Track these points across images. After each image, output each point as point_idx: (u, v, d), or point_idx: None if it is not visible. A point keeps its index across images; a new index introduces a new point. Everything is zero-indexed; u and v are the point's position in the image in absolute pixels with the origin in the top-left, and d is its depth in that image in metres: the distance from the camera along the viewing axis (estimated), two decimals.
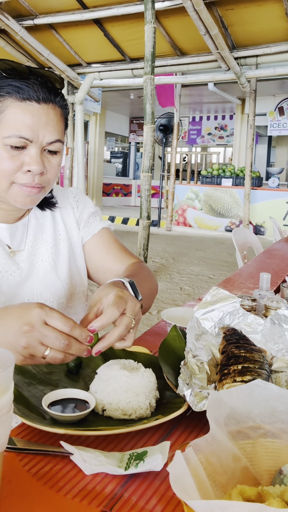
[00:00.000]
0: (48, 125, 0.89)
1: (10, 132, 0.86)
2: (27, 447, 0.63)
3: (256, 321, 0.94)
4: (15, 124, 0.86)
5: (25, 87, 0.86)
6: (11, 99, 0.86)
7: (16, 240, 1.02)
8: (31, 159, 0.88)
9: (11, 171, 0.88)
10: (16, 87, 0.86)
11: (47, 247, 1.06)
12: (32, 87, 0.87)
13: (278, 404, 0.55)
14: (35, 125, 0.87)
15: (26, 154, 0.88)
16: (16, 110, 0.86)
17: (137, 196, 15.28)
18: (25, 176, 0.89)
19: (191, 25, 6.03)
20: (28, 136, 0.87)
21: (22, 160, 0.88)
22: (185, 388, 0.72)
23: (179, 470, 0.46)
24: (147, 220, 4.89)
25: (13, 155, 0.87)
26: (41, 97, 0.87)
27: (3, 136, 0.86)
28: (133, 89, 11.27)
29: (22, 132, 0.86)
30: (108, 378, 0.74)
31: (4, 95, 0.86)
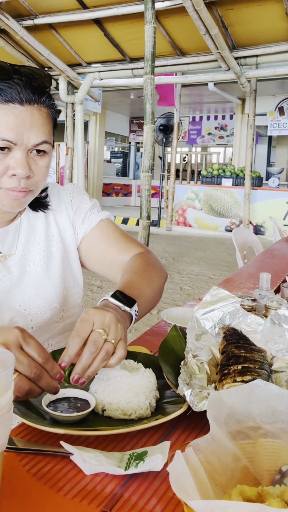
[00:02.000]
0: (34, 126, 0.85)
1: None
2: (27, 447, 0.63)
3: (256, 321, 0.94)
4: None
5: (7, 88, 0.83)
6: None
7: (7, 244, 0.99)
8: (16, 163, 0.85)
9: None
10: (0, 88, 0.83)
11: (39, 250, 1.03)
12: (15, 88, 0.83)
13: (278, 404, 0.55)
14: (18, 128, 0.83)
15: (11, 157, 0.85)
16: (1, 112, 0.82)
17: (137, 196, 15.28)
18: (11, 180, 0.86)
19: (191, 25, 6.03)
20: (11, 139, 0.83)
21: (7, 164, 0.85)
22: (185, 388, 0.72)
23: (179, 470, 0.46)
24: (147, 220, 4.89)
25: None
26: (25, 98, 0.84)
27: None
28: (133, 89, 11.27)
29: (5, 134, 0.83)
30: (108, 378, 0.74)
31: None
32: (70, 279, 1.08)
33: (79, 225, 1.10)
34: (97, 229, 1.11)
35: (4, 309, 0.97)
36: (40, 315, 1.01)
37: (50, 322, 1.03)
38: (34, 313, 1.00)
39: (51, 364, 0.69)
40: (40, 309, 1.01)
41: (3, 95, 0.83)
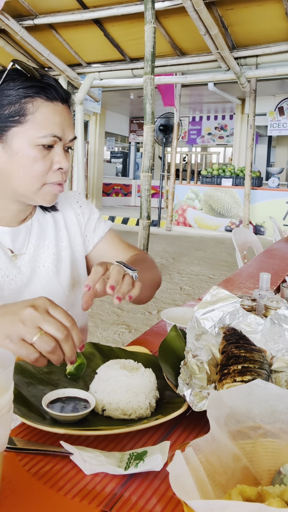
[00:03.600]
0: (69, 123, 0.93)
1: (44, 131, 0.88)
2: (27, 447, 0.63)
3: (256, 321, 0.94)
4: (48, 124, 0.88)
5: (49, 87, 0.89)
6: (40, 100, 0.88)
7: (18, 243, 1.00)
8: (60, 157, 0.91)
9: (43, 171, 0.90)
10: (42, 88, 0.88)
11: (49, 253, 1.04)
12: (54, 88, 0.90)
13: (278, 404, 0.55)
14: (63, 124, 0.90)
15: (55, 153, 0.91)
16: (47, 110, 0.88)
17: (137, 196, 15.27)
18: (55, 174, 0.92)
19: (191, 25, 6.03)
20: (59, 135, 0.90)
21: (51, 159, 0.91)
22: (185, 388, 0.72)
23: (179, 470, 0.46)
24: (147, 220, 4.89)
25: (44, 155, 0.90)
26: (63, 97, 0.91)
27: (38, 136, 0.88)
28: (133, 89, 11.27)
29: (55, 131, 0.89)
30: (108, 378, 0.74)
31: (34, 96, 0.88)
32: (77, 285, 1.11)
33: (90, 233, 1.15)
34: (106, 239, 1.17)
35: None
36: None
37: None
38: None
39: (76, 330, 0.69)
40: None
41: (48, 93, 0.89)
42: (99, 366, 0.79)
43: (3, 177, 0.92)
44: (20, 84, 0.88)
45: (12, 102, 0.87)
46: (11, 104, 0.87)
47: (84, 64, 8.08)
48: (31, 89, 0.87)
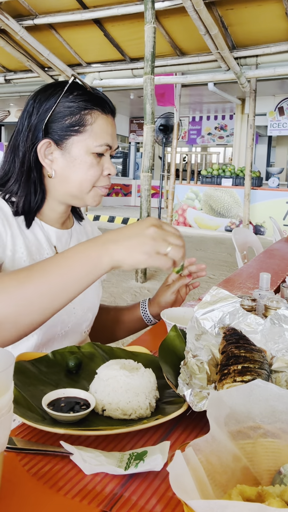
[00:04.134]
0: (116, 134, 1.04)
1: (100, 141, 0.97)
2: (27, 447, 0.63)
3: (256, 321, 0.94)
4: (103, 134, 0.98)
5: (103, 101, 0.99)
6: (98, 112, 0.98)
7: (61, 244, 1.08)
8: (109, 164, 1.01)
9: (97, 176, 0.99)
10: (101, 102, 0.99)
11: None
12: (108, 102, 1.01)
13: (278, 404, 0.55)
14: (113, 135, 1.01)
15: (105, 160, 1.01)
16: (103, 122, 0.99)
17: (137, 196, 15.27)
18: (105, 179, 1.02)
19: (191, 25, 6.03)
20: (111, 144, 1.00)
21: (102, 166, 1.00)
22: (185, 388, 0.72)
23: (179, 470, 0.46)
24: None
25: (97, 161, 0.99)
26: (113, 111, 1.03)
27: (94, 145, 0.97)
28: (133, 89, 11.26)
29: (108, 140, 0.99)
30: (108, 378, 0.74)
31: (93, 108, 0.97)
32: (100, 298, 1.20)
33: None
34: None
35: None
36: (79, 318, 1.10)
37: (81, 330, 1.12)
38: (79, 315, 1.09)
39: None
40: (83, 313, 1.10)
41: (105, 107, 0.99)
42: (99, 366, 0.79)
43: (60, 180, 1.00)
44: (79, 97, 0.97)
45: (73, 113, 0.96)
46: (72, 115, 0.96)
47: (84, 64, 8.08)
48: (90, 102, 0.97)
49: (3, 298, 0.72)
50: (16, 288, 0.73)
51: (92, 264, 0.74)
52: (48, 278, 0.74)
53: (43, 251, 1.02)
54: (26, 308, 0.73)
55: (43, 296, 0.73)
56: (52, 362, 0.86)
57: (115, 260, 0.74)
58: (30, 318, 0.74)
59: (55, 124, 0.96)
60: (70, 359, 0.85)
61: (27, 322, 0.75)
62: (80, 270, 0.74)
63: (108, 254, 0.74)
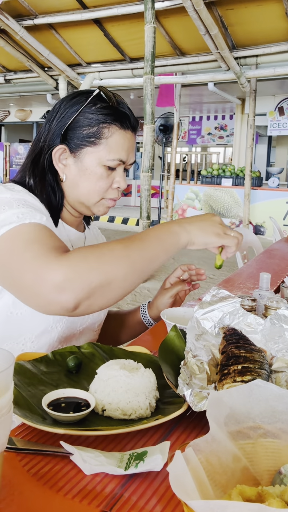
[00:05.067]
0: (133, 150, 1.04)
1: (114, 155, 0.98)
2: (27, 447, 0.63)
3: (256, 321, 0.94)
4: (118, 150, 0.99)
5: (124, 117, 1.00)
6: (116, 127, 0.99)
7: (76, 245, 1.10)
8: (120, 178, 1.02)
9: (105, 188, 1.01)
10: (121, 117, 0.99)
11: None
12: (129, 118, 1.01)
13: (278, 404, 0.55)
14: (128, 150, 1.01)
15: (116, 173, 1.01)
16: (120, 137, 0.99)
17: (137, 196, 15.26)
18: (114, 191, 1.03)
19: (191, 25, 6.03)
20: (124, 159, 1.01)
21: (113, 178, 1.01)
22: (185, 388, 0.72)
23: (179, 470, 0.46)
24: (147, 220, 4.89)
25: (108, 174, 1.00)
26: (134, 126, 1.03)
27: (107, 159, 0.98)
28: (133, 89, 11.26)
29: (122, 156, 1.00)
30: (108, 378, 0.74)
31: (111, 122, 0.98)
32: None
33: None
34: None
35: None
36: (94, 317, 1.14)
37: (94, 328, 1.17)
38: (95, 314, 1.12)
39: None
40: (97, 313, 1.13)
41: (124, 122, 1.00)
42: (99, 366, 0.79)
43: (71, 186, 1.02)
44: (101, 109, 0.98)
45: (91, 125, 0.98)
46: (90, 126, 0.98)
47: (84, 64, 8.08)
48: (110, 116, 0.98)
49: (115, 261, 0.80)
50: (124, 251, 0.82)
51: (175, 238, 0.86)
52: (148, 245, 0.84)
53: None
54: (132, 268, 0.82)
55: (144, 259, 0.83)
56: (52, 362, 0.86)
57: (191, 237, 0.87)
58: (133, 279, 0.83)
59: (73, 132, 0.98)
60: (70, 359, 0.85)
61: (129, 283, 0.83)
62: (167, 241, 0.86)
63: (186, 231, 0.87)
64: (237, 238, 0.90)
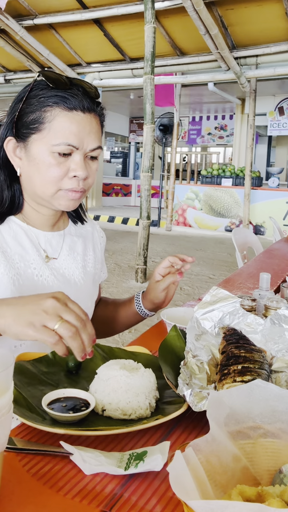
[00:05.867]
0: (91, 133, 0.94)
1: (59, 140, 0.90)
2: (27, 447, 0.63)
3: (256, 321, 0.94)
4: (63, 133, 0.90)
5: (70, 97, 0.91)
6: (58, 109, 0.91)
7: (51, 247, 1.05)
8: (76, 165, 0.92)
9: (58, 177, 0.93)
10: (63, 97, 0.91)
11: (77, 266, 1.09)
12: (76, 97, 0.91)
13: (278, 404, 0.55)
14: (80, 133, 0.92)
15: (72, 160, 0.93)
16: (64, 119, 0.91)
17: (137, 196, 15.27)
18: (71, 181, 0.94)
19: (191, 25, 6.03)
20: (75, 144, 0.91)
21: (68, 167, 0.93)
22: (185, 388, 0.72)
23: (179, 470, 0.46)
24: (147, 220, 4.89)
25: (60, 162, 0.92)
26: (86, 106, 0.92)
27: (52, 144, 0.91)
28: (133, 89, 11.26)
29: (70, 140, 0.91)
30: (108, 378, 0.74)
31: (52, 105, 0.91)
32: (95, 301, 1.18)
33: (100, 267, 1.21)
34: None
35: None
36: None
37: None
38: None
39: (90, 324, 0.74)
40: None
41: (68, 103, 0.91)
42: (99, 366, 0.79)
43: (26, 180, 0.97)
44: (42, 93, 0.92)
45: (33, 111, 0.92)
46: (32, 113, 0.92)
47: (84, 64, 8.08)
48: (51, 99, 0.91)
49: None
50: None
51: None
52: None
53: (29, 257, 0.99)
54: None
55: None
56: (52, 362, 0.86)
57: (4, 325, 0.72)
58: None
59: (20, 122, 0.94)
60: (70, 359, 0.85)
61: None
62: None
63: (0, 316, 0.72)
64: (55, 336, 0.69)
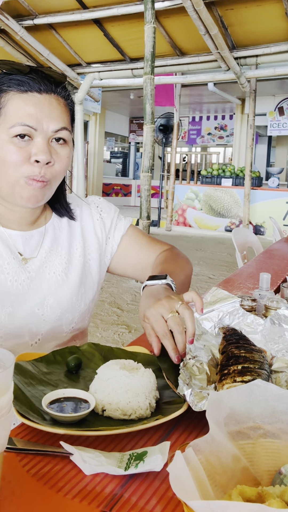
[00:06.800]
0: (52, 113, 0.89)
1: (13, 121, 0.87)
2: (27, 447, 0.63)
3: (256, 321, 0.94)
4: (17, 114, 0.87)
5: (25, 79, 0.88)
6: (12, 93, 0.88)
7: (29, 247, 1.00)
8: (38, 149, 0.87)
9: (18, 162, 0.87)
10: (17, 81, 0.88)
11: (61, 261, 1.04)
12: (32, 80, 0.88)
13: (278, 404, 0.55)
14: (38, 114, 0.88)
15: (33, 145, 0.88)
16: (17, 101, 0.87)
17: (137, 196, 15.27)
18: (32, 167, 0.88)
19: (191, 25, 6.03)
20: (32, 124, 0.87)
21: (29, 152, 0.88)
22: (185, 388, 0.72)
23: (179, 470, 0.46)
24: (147, 220, 4.89)
25: (20, 146, 0.87)
26: (42, 88, 0.89)
27: (8, 127, 0.87)
28: (133, 89, 11.27)
29: (25, 120, 0.87)
30: (108, 378, 0.74)
31: (6, 89, 0.88)
32: (87, 293, 1.09)
33: (112, 234, 1.15)
34: (128, 236, 1.16)
35: (20, 310, 0.97)
36: (54, 322, 1.02)
37: (60, 331, 1.04)
38: (49, 319, 1.01)
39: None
40: (56, 316, 1.02)
41: (22, 85, 0.88)
42: (99, 366, 0.79)
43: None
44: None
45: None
46: None
47: (84, 64, 8.08)
48: (5, 84, 0.88)
49: None
50: None
51: None
52: None
53: (2, 262, 0.95)
54: None
55: None
56: (52, 362, 0.86)
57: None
58: None
59: None
60: (70, 359, 0.85)
61: None
62: None
63: None
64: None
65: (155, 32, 4.74)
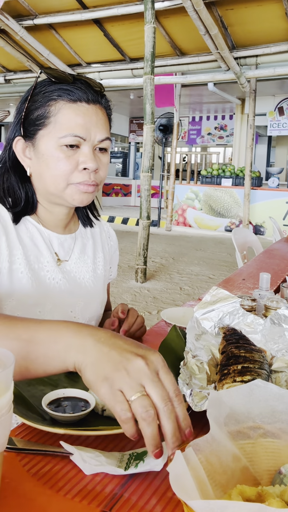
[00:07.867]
0: (98, 123, 0.93)
1: (65, 132, 0.90)
2: (27, 447, 0.63)
3: (256, 321, 0.94)
4: (69, 124, 0.90)
5: (73, 89, 0.91)
6: (62, 102, 0.91)
7: (63, 250, 1.05)
8: (86, 157, 0.91)
9: (68, 171, 0.92)
10: (66, 90, 0.91)
11: (88, 269, 1.09)
12: (80, 89, 0.91)
13: (278, 404, 0.55)
14: (87, 124, 0.91)
15: (81, 153, 0.92)
16: (68, 111, 0.90)
17: (137, 196, 15.27)
18: (81, 174, 0.93)
19: (191, 25, 6.03)
20: (82, 135, 0.90)
21: (77, 160, 0.92)
22: (185, 388, 0.72)
23: (179, 470, 0.46)
24: (147, 220, 4.89)
25: (68, 155, 0.91)
26: (90, 98, 0.92)
27: (59, 137, 0.90)
28: (133, 89, 11.26)
29: (76, 131, 0.90)
30: None
31: (56, 98, 0.91)
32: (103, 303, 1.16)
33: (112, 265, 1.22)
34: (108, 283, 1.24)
35: (57, 308, 1.01)
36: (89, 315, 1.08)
37: None
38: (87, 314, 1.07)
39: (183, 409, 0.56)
40: (85, 321, 1.07)
41: (71, 95, 0.91)
42: None
43: (37, 179, 0.96)
44: (45, 89, 0.92)
45: (38, 107, 0.92)
46: (37, 109, 0.92)
47: (84, 64, 8.08)
48: (55, 93, 0.91)
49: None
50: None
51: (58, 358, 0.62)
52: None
53: (43, 259, 1.00)
54: None
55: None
56: None
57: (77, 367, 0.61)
58: None
59: (27, 121, 0.94)
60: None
61: None
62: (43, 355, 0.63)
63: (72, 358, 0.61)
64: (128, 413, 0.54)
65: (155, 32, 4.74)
